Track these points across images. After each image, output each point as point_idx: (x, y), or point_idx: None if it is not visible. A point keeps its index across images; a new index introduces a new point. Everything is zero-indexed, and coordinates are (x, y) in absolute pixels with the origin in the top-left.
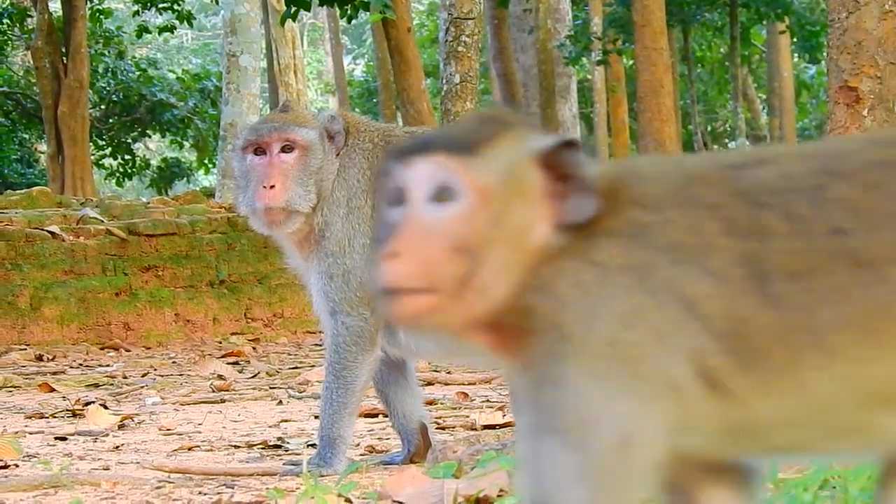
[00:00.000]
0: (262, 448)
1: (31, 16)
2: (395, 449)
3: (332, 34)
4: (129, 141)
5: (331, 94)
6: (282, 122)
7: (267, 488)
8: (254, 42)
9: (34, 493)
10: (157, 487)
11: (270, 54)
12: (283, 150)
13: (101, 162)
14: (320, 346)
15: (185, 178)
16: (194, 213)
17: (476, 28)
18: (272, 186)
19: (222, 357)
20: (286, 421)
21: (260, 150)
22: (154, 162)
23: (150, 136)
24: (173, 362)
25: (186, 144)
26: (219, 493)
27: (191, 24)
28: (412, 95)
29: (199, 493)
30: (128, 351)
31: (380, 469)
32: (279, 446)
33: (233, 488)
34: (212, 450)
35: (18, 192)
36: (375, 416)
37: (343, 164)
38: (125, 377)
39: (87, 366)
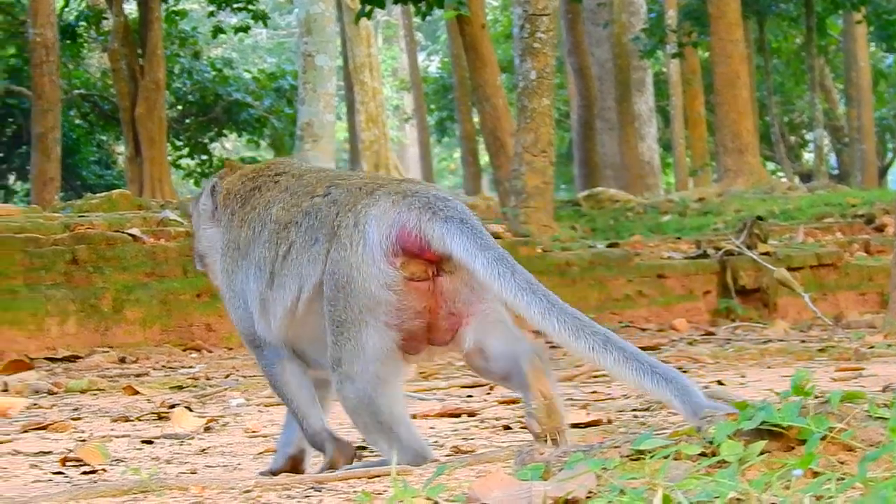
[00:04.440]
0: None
1: (106, 18)
2: (480, 449)
3: (406, 31)
4: (206, 141)
5: (406, 91)
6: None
7: (354, 491)
8: (329, 41)
9: (123, 498)
10: (246, 491)
11: (345, 53)
12: None
13: (178, 162)
14: None
15: None
16: None
17: (551, 24)
18: None
19: None
20: None
21: None
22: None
23: (226, 136)
24: (255, 363)
25: (263, 143)
26: (307, 497)
27: (265, 24)
28: (488, 92)
29: (288, 496)
30: (210, 352)
31: (466, 470)
32: (364, 447)
33: (320, 492)
34: None
35: (99, 195)
36: (459, 415)
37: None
38: (208, 379)
39: (170, 367)
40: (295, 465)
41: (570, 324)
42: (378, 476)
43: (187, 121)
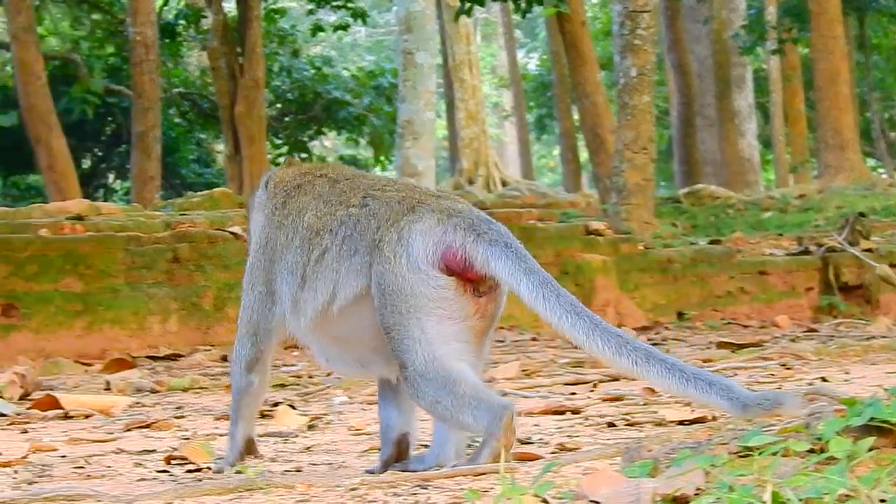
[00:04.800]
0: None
1: (205, 17)
2: (585, 446)
3: (505, 29)
4: (305, 139)
5: (505, 89)
6: None
7: (461, 489)
8: (429, 39)
9: (228, 496)
10: (352, 489)
11: (445, 50)
12: None
13: (277, 161)
14: (503, 342)
15: None
16: None
17: (651, 20)
18: None
19: None
20: None
21: None
22: (330, 159)
23: (325, 134)
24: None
25: (362, 141)
26: (413, 495)
27: (365, 22)
28: (588, 89)
29: (394, 494)
30: (310, 349)
31: (572, 467)
32: (469, 445)
33: (427, 489)
34: None
35: (200, 193)
36: (563, 413)
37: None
38: (310, 377)
39: (274, 365)
40: (399, 451)
41: (614, 342)
42: (484, 473)
43: (286, 119)
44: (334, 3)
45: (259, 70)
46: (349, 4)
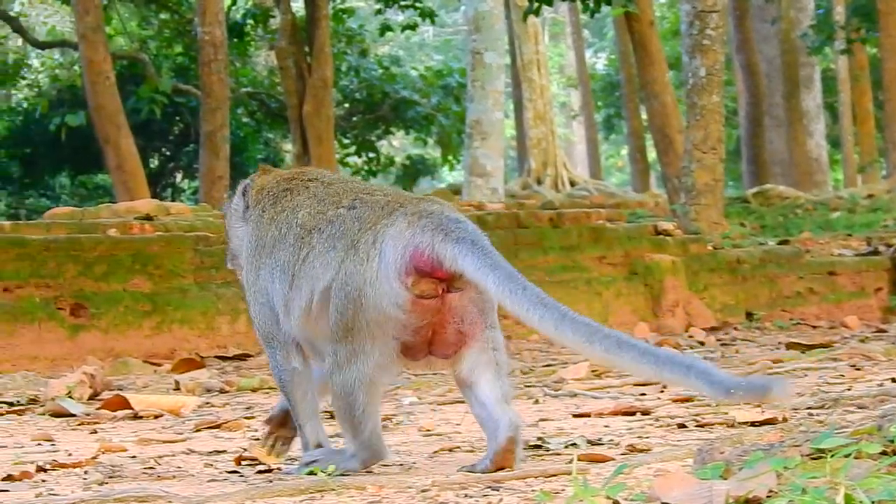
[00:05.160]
0: (524, 448)
1: (273, 16)
2: (656, 447)
3: (573, 28)
4: (373, 139)
5: (573, 88)
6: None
7: (532, 490)
8: (498, 39)
9: (300, 497)
10: (423, 491)
11: (513, 50)
12: None
13: (345, 160)
14: None
15: (429, 175)
16: None
17: (721, 20)
18: None
19: None
20: (544, 420)
21: None
22: (398, 159)
23: (393, 134)
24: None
25: (430, 141)
26: (485, 496)
27: (433, 21)
28: (656, 89)
29: (466, 496)
30: None
31: (643, 469)
32: (539, 446)
33: (498, 491)
34: (473, 451)
35: None
36: (633, 414)
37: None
38: None
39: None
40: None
41: (584, 330)
42: (555, 475)
43: (354, 118)
44: (402, 3)
45: (327, 70)
46: (417, 4)
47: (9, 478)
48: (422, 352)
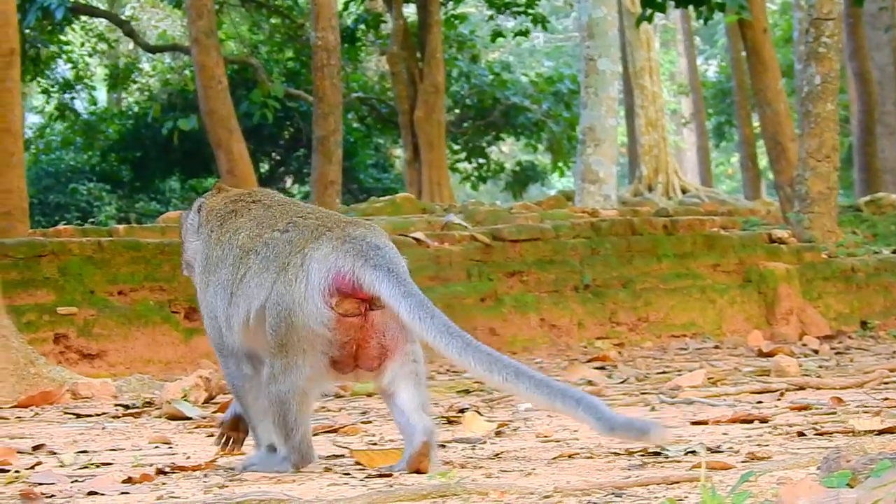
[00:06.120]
0: (643, 455)
1: (385, 21)
2: (775, 455)
3: (684, 35)
4: (484, 145)
5: (684, 96)
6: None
7: (656, 497)
8: (611, 45)
9: (423, 502)
10: (546, 497)
11: (625, 57)
12: None
13: (455, 166)
14: (686, 350)
15: (539, 182)
16: (557, 217)
17: (836, 28)
18: None
19: (588, 362)
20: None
21: None
22: (508, 165)
23: (503, 140)
24: (540, 367)
25: (540, 147)
26: (609, 503)
27: (545, 28)
28: (769, 96)
29: (589, 502)
30: None
31: (766, 477)
32: (658, 453)
33: (621, 497)
34: (591, 457)
35: (382, 198)
36: (751, 421)
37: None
38: None
39: (454, 371)
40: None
41: (485, 360)
42: (678, 482)
43: (465, 124)
44: (514, 9)
45: (439, 75)
46: (529, 10)
47: (129, 480)
48: (349, 365)
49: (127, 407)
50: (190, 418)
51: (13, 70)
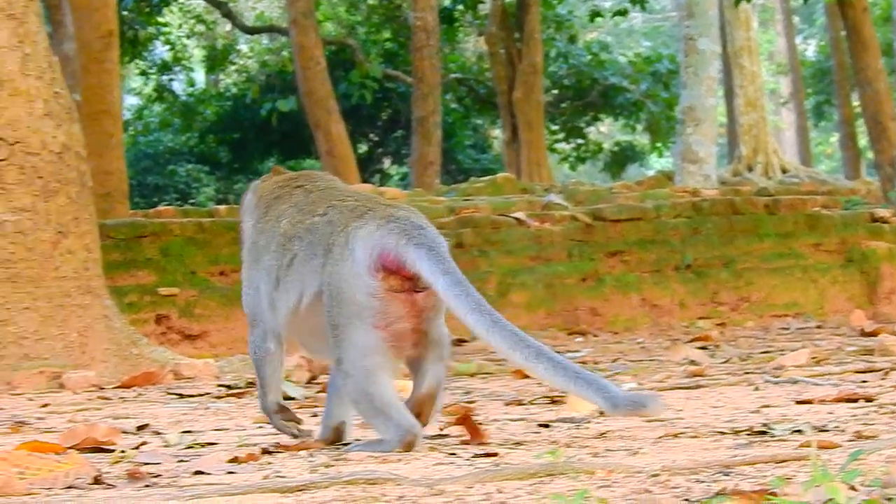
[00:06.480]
0: (749, 434)
1: (483, 2)
2: (882, 434)
3: (783, 15)
4: (582, 125)
5: (782, 75)
6: None
7: (764, 476)
8: (711, 25)
9: (530, 481)
10: (653, 475)
11: (724, 36)
12: None
13: (553, 146)
14: (787, 329)
15: (637, 162)
16: (658, 197)
17: None
18: None
19: (690, 342)
20: (766, 407)
21: None
22: (606, 145)
23: (602, 120)
24: (642, 347)
25: (639, 128)
26: (717, 482)
27: (643, 8)
28: (869, 76)
29: (696, 480)
30: (595, 336)
31: (874, 456)
32: (764, 432)
33: (728, 476)
34: (697, 436)
35: (483, 179)
36: (856, 400)
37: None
38: (595, 363)
39: (556, 351)
40: (338, 435)
41: (509, 339)
42: (786, 461)
43: (563, 105)
44: None
45: (537, 55)
46: None
47: (234, 459)
48: (406, 343)
49: (230, 387)
50: (293, 398)
51: (112, 52)
